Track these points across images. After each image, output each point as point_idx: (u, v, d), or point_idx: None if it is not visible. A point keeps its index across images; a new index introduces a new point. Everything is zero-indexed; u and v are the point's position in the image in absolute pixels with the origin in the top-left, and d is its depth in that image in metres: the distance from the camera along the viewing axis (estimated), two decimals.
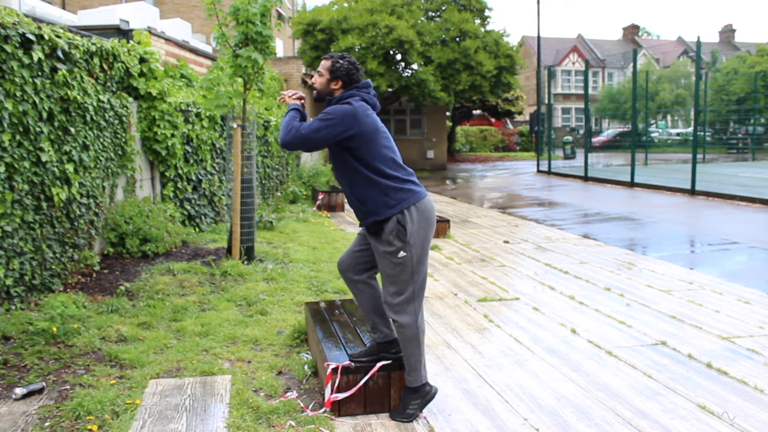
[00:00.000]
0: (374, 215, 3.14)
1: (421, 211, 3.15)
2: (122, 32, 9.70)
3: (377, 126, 3.18)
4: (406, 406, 3.23)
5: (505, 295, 5.69)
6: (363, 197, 3.17)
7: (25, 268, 4.61)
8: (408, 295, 3.16)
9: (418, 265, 3.15)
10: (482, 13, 22.80)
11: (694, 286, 6.02)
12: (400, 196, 3.12)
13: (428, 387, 3.28)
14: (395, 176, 3.15)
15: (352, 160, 3.15)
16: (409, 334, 3.18)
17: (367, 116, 3.15)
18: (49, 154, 4.86)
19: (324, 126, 3.08)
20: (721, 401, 3.46)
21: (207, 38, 20.91)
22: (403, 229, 3.10)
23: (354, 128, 3.09)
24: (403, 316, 3.17)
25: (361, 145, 3.12)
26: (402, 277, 3.14)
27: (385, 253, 3.14)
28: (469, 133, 38.08)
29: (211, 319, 4.74)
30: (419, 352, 3.22)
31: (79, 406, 3.19)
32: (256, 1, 5.90)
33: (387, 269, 3.16)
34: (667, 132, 38.02)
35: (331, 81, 3.26)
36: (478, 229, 9.58)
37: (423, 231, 3.15)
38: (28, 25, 4.66)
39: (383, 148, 3.17)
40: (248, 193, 6.38)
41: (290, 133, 3.14)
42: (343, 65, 3.24)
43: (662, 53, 50.04)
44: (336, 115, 3.09)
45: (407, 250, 3.11)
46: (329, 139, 3.10)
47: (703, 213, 11.53)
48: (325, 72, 3.27)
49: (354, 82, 3.26)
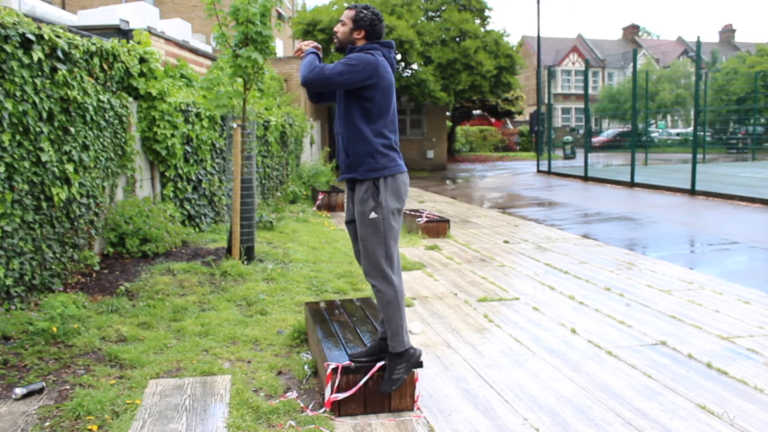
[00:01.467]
0: (354, 172, 3.26)
1: (398, 182, 3.26)
2: (122, 32, 9.70)
3: (392, 86, 3.30)
4: (392, 371, 3.25)
5: (505, 295, 5.69)
6: (350, 151, 3.27)
7: (25, 268, 4.61)
8: (381, 257, 3.23)
9: (389, 229, 3.23)
10: (482, 13, 22.81)
11: (694, 286, 6.01)
12: (383, 163, 3.23)
13: (412, 350, 3.31)
14: (388, 139, 3.26)
15: (357, 111, 3.23)
16: (387, 298, 3.23)
17: (387, 72, 3.25)
18: (49, 154, 4.86)
19: (347, 71, 3.15)
20: (721, 401, 3.46)
21: (207, 38, 20.90)
22: (376, 190, 3.21)
23: (374, 78, 3.18)
24: (380, 281, 3.24)
25: (375, 96, 3.21)
26: (374, 239, 3.22)
27: (360, 213, 3.24)
28: (469, 133, 38.08)
29: (211, 319, 4.74)
30: (400, 316, 3.25)
31: (79, 406, 3.19)
32: (256, 1, 5.90)
33: (362, 232, 3.25)
34: (667, 132, 38.03)
35: (354, 30, 3.33)
36: (478, 229, 9.58)
37: (395, 197, 3.25)
38: (28, 25, 4.66)
39: (390, 107, 3.28)
40: (248, 193, 6.38)
41: (314, 71, 3.19)
42: (367, 15, 3.31)
43: (662, 53, 50.03)
44: (360, 63, 3.17)
45: (378, 212, 3.20)
46: (350, 84, 3.17)
47: (703, 213, 11.53)
48: (349, 21, 3.33)
49: (377, 33, 3.34)
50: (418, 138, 25.37)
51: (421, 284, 6.06)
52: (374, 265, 3.25)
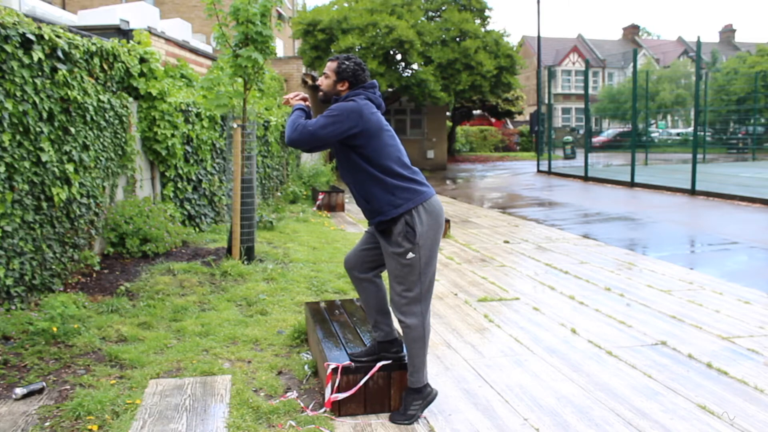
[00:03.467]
0: (380, 215, 3.13)
1: (430, 212, 3.13)
2: (122, 32, 9.70)
3: (381, 124, 3.18)
4: (407, 407, 3.23)
5: (505, 295, 5.69)
6: (368, 196, 3.16)
7: (25, 268, 4.61)
8: (415, 296, 3.15)
9: (426, 266, 3.13)
10: (482, 13, 22.80)
11: (694, 286, 6.01)
12: (406, 196, 3.11)
13: (429, 388, 3.28)
14: (401, 174, 3.14)
15: (357, 158, 3.15)
16: (415, 335, 3.17)
17: (372, 114, 3.15)
18: (49, 154, 4.86)
19: (330, 123, 3.09)
20: (721, 401, 3.46)
21: (207, 38, 20.91)
22: (412, 231, 3.08)
23: (359, 126, 3.09)
24: (410, 317, 3.16)
25: (366, 143, 3.12)
26: (410, 278, 3.12)
27: (394, 254, 3.12)
28: (469, 133, 38.08)
29: (211, 319, 4.74)
30: (423, 353, 3.21)
31: (79, 406, 3.19)
32: (256, 1, 5.90)
33: (395, 269, 3.15)
34: (667, 132, 38.02)
35: (338, 82, 3.26)
36: (478, 229, 9.58)
37: (432, 232, 3.13)
38: (28, 25, 4.66)
39: (388, 146, 3.17)
40: (248, 193, 6.38)
41: (297, 131, 3.14)
42: (350, 66, 3.24)
43: (662, 53, 50.03)
44: (342, 112, 3.10)
45: (416, 252, 3.09)
46: (335, 136, 3.10)
47: (703, 213, 11.53)
48: (332, 74, 3.27)
49: (360, 82, 3.26)
50: (418, 138, 25.37)
51: None
52: (407, 302, 3.15)
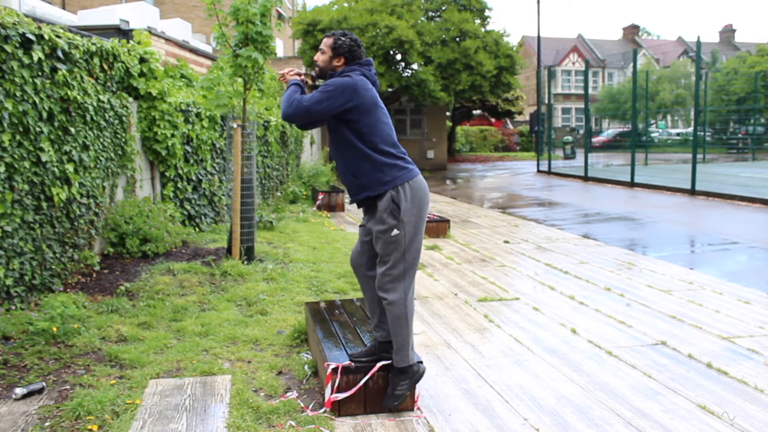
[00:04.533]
0: (367, 190, 3.19)
1: (415, 190, 3.19)
2: (122, 32, 9.71)
3: (376, 101, 3.23)
4: (394, 388, 3.24)
5: (505, 295, 5.69)
6: (357, 172, 3.21)
7: (25, 268, 4.61)
8: (398, 273, 3.18)
9: (410, 243, 3.18)
10: (482, 13, 22.81)
11: (694, 286, 6.01)
12: (393, 173, 3.17)
13: (416, 367, 3.27)
14: (390, 152, 3.20)
15: (349, 133, 3.19)
16: (397, 312, 3.20)
17: (367, 90, 3.20)
18: (49, 154, 4.86)
19: (326, 98, 3.13)
20: (721, 401, 3.46)
21: (207, 38, 20.91)
22: (397, 207, 3.14)
23: (354, 100, 3.14)
24: (392, 294, 3.19)
25: (359, 119, 3.16)
26: (394, 255, 3.16)
27: (379, 232, 3.17)
28: (469, 133, 38.08)
29: (211, 319, 4.74)
30: (407, 332, 3.23)
31: (79, 406, 3.19)
32: (256, 1, 5.90)
33: (380, 248, 3.20)
34: (667, 132, 38.01)
35: (334, 58, 3.30)
36: (478, 229, 9.58)
37: (416, 209, 3.18)
38: (28, 25, 4.65)
39: (381, 123, 3.22)
40: (248, 193, 6.38)
41: (292, 106, 3.19)
42: (345, 42, 3.28)
43: (662, 53, 50.03)
44: (337, 88, 3.14)
45: (400, 228, 3.15)
46: (330, 110, 3.14)
47: (703, 213, 11.53)
48: (327, 49, 3.31)
49: (356, 58, 3.30)
50: (418, 138, 25.37)
51: (421, 284, 6.06)
52: (390, 279, 3.18)
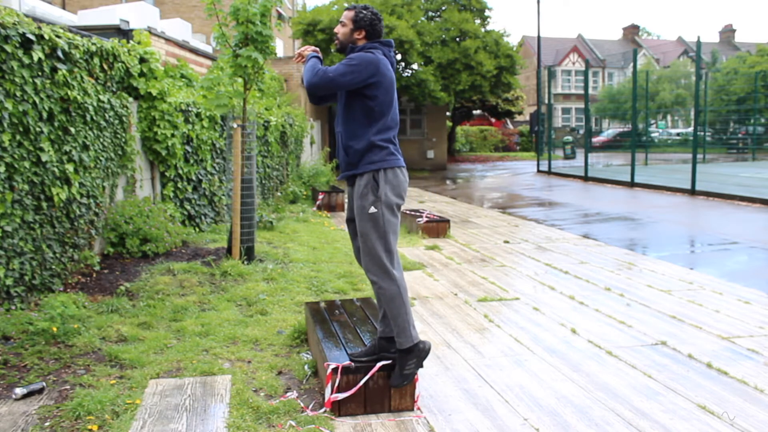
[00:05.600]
0: (354, 168, 3.28)
1: (395, 176, 3.28)
2: (122, 32, 9.71)
3: (394, 82, 3.32)
4: (402, 368, 3.24)
5: (505, 295, 5.69)
6: (349, 149, 3.29)
7: (25, 268, 4.61)
8: (381, 252, 3.22)
9: (388, 224, 3.23)
10: (482, 13, 22.82)
11: (694, 286, 6.01)
12: (381, 156, 3.25)
13: (421, 344, 3.28)
14: (387, 137, 3.28)
15: (359, 109, 3.26)
16: (389, 294, 3.22)
17: (388, 69, 3.29)
18: (49, 154, 4.86)
19: (350, 71, 3.19)
20: (721, 401, 3.46)
21: (207, 38, 20.92)
22: (375, 184, 3.22)
23: (376, 77, 3.22)
24: (380, 276, 3.23)
25: (378, 95, 3.24)
26: (374, 233, 3.22)
27: (360, 208, 3.25)
28: (469, 133, 38.08)
29: (211, 319, 4.74)
30: (405, 311, 3.24)
31: (79, 406, 3.18)
32: (256, 1, 5.90)
33: (360, 225, 3.26)
34: (667, 132, 38.02)
35: (355, 31, 3.35)
36: (478, 229, 9.58)
37: (393, 194, 3.26)
38: (28, 25, 4.66)
39: (392, 104, 3.31)
40: (248, 193, 6.38)
41: (317, 75, 3.23)
42: (367, 15, 3.34)
43: (662, 53, 50.04)
44: (362, 62, 3.20)
45: (378, 207, 3.21)
46: (354, 84, 3.21)
47: (703, 213, 11.53)
48: (348, 22, 3.36)
49: (377, 33, 3.37)
50: (418, 138, 25.36)
51: (421, 284, 6.06)
52: (375, 261, 3.24)
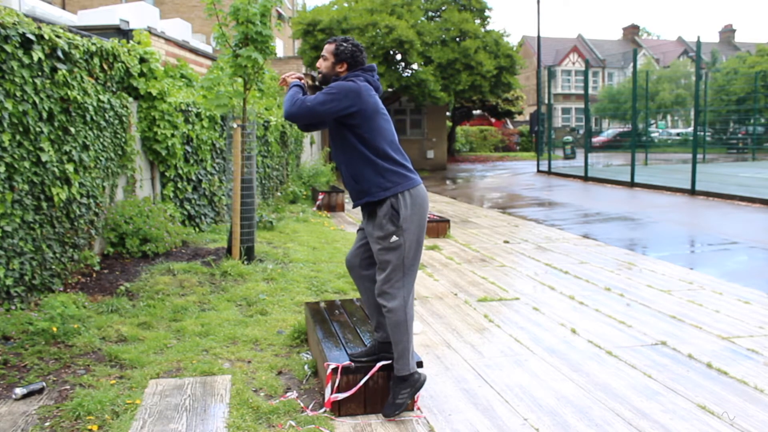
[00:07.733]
0: (368, 195, 3.19)
1: (415, 197, 3.19)
2: (122, 32, 9.71)
3: (378, 107, 3.24)
4: (395, 396, 3.23)
5: (505, 295, 5.69)
6: (358, 176, 3.21)
7: (25, 268, 4.61)
8: (397, 280, 3.18)
9: (409, 251, 3.18)
10: (482, 13, 22.81)
11: (694, 286, 6.01)
12: (395, 180, 3.17)
13: (417, 375, 3.27)
14: (392, 158, 3.21)
15: (351, 137, 3.20)
16: (396, 319, 3.19)
17: (370, 96, 3.22)
18: (49, 154, 4.86)
19: (329, 99, 3.14)
20: (721, 401, 3.46)
21: (207, 38, 20.92)
22: (396, 214, 3.15)
23: (357, 105, 3.15)
24: (392, 301, 3.19)
25: (362, 123, 3.17)
26: (394, 261, 3.16)
27: (378, 239, 3.18)
28: (469, 133, 38.08)
29: (211, 319, 4.74)
30: (407, 339, 3.22)
31: (79, 406, 3.19)
32: (256, 1, 5.90)
33: (379, 254, 3.20)
34: (667, 132, 38.02)
35: (336, 64, 3.31)
36: (478, 229, 9.58)
37: (416, 218, 3.18)
38: (28, 25, 4.65)
39: (383, 129, 3.23)
40: (248, 193, 6.38)
41: (296, 105, 3.20)
42: (347, 48, 3.29)
43: (662, 53, 50.03)
44: (340, 91, 3.15)
45: (399, 235, 3.15)
46: (333, 113, 3.15)
47: (703, 213, 11.52)
48: (330, 55, 3.32)
49: (359, 64, 3.31)
50: (418, 138, 25.36)
51: (421, 284, 6.06)
52: (390, 287, 3.18)
